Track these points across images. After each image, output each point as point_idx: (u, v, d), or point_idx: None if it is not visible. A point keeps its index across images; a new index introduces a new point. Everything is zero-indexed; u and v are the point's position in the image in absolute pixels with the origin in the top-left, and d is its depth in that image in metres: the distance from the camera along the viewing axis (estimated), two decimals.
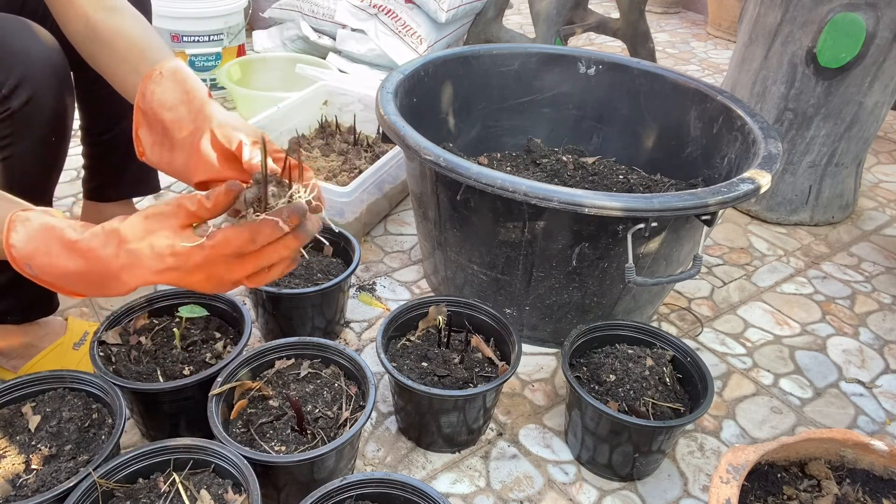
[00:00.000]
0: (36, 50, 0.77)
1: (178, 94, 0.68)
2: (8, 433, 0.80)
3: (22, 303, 0.95)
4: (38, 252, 0.60)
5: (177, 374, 0.90)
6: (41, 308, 0.98)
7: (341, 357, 0.93)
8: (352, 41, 2.06)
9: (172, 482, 0.75)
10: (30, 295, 0.95)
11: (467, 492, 0.93)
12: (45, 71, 0.78)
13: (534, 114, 1.51)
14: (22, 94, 0.76)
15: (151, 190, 1.29)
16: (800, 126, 1.52)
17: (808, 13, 1.42)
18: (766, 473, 0.78)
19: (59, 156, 0.87)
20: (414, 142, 1.02)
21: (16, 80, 0.75)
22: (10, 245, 0.60)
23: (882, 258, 1.52)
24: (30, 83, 0.76)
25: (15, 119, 0.76)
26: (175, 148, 0.69)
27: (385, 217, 1.52)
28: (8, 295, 0.92)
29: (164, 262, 0.59)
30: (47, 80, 0.78)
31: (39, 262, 0.60)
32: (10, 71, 0.74)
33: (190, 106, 0.68)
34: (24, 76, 0.75)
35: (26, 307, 0.96)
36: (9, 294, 0.92)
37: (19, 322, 0.97)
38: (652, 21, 3.15)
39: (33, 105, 0.77)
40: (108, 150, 1.17)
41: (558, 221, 0.99)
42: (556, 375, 1.14)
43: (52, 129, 0.82)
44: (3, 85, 0.74)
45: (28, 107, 0.77)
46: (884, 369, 1.21)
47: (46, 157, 0.84)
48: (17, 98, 0.75)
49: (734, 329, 1.28)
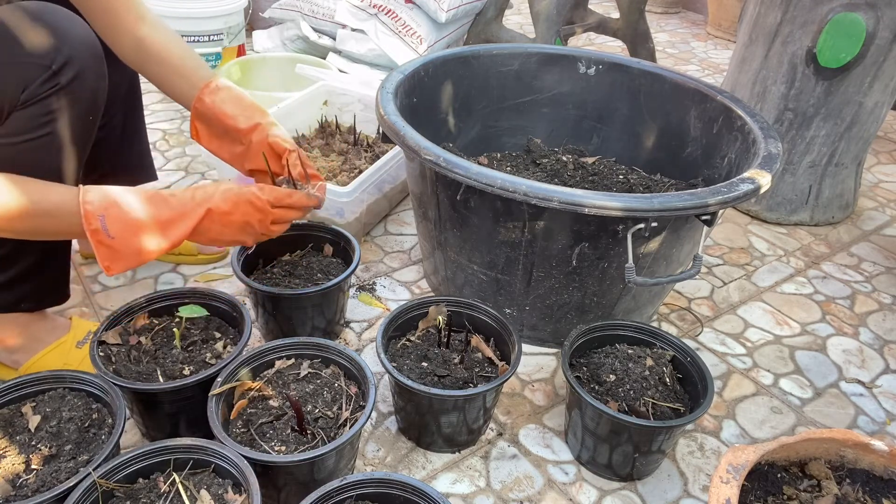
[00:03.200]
0: (80, 32, 0.84)
1: (235, 103, 0.95)
2: (8, 433, 0.80)
3: (38, 290, 0.98)
4: (115, 203, 0.77)
5: (177, 374, 0.90)
6: (55, 296, 1.01)
7: (341, 357, 0.93)
8: (352, 41, 2.06)
9: (172, 482, 0.75)
10: (46, 282, 0.98)
11: (467, 492, 0.93)
12: (89, 51, 0.85)
13: (534, 114, 1.51)
14: (69, 72, 0.82)
15: (149, 177, 1.30)
16: (800, 126, 1.52)
17: (808, 13, 1.42)
18: (766, 473, 0.78)
19: (91, 135, 0.92)
20: (414, 142, 1.02)
21: (64, 58, 0.81)
22: (86, 202, 0.76)
23: (882, 258, 1.52)
24: (77, 62, 0.82)
25: (61, 95, 0.82)
26: (233, 142, 0.97)
27: (385, 217, 1.52)
28: (26, 281, 0.95)
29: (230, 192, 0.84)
30: (90, 60, 0.85)
31: (114, 213, 0.77)
32: (60, 50, 0.81)
33: (245, 113, 0.95)
34: (71, 55, 0.82)
35: (41, 295, 0.99)
36: (26, 280, 0.95)
37: (32, 310, 0.99)
38: (652, 21, 3.15)
39: (78, 82, 0.83)
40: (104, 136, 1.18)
41: (558, 221, 0.99)
42: (556, 375, 1.14)
43: (90, 107, 0.88)
44: (54, 62, 0.80)
45: (74, 83, 0.83)
46: (884, 369, 1.21)
47: (82, 134, 0.89)
48: (65, 75, 0.81)
49: (734, 329, 1.28)
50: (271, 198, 0.88)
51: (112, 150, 1.20)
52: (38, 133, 0.82)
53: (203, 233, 0.84)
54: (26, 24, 0.79)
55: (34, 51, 0.79)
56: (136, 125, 1.25)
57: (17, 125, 0.80)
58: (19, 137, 0.81)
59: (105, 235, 0.77)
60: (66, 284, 1.02)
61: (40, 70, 0.79)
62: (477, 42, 2.22)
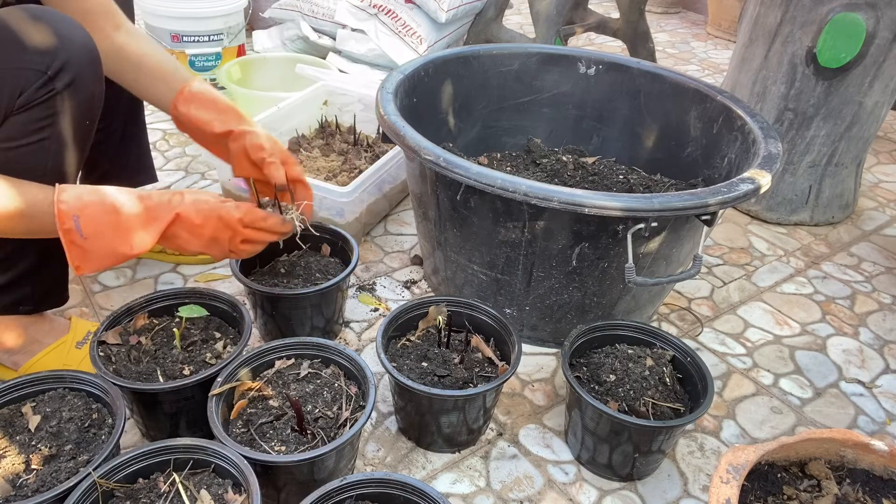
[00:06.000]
0: (77, 37, 0.83)
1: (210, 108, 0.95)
2: (8, 433, 0.80)
3: (37, 292, 0.98)
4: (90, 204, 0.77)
5: (177, 374, 0.90)
6: (54, 298, 1.01)
7: (341, 357, 0.93)
8: (352, 41, 2.06)
9: (172, 482, 0.75)
10: (45, 285, 0.98)
11: (467, 492, 0.93)
12: (86, 57, 0.84)
13: (534, 114, 1.51)
14: (65, 77, 0.81)
15: (149, 179, 1.30)
16: (800, 126, 1.52)
17: (808, 13, 1.42)
18: (766, 473, 0.78)
19: (87, 140, 0.92)
20: (414, 142, 1.02)
21: (60, 63, 0.81)
22: (60, 201, 0.76)
23: (882, 258, 1.52)
24: (73, 67, 0.82)
25: (57, 100, 0.82)
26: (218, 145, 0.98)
27: (385, 217, 1.52)
28: (25, 283, 0.95)
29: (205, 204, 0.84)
30: (87, 65, 0.84)
31: (88, 213, 0.77)
32: (56, 54, 0.80)
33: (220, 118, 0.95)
34: (68, 60, 0.81)
35: (40, 297, 0.99)
36: (26, 283, 0.95)
37: (31, 312, 0.99)
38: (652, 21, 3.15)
39: (74, 87, 0.83)
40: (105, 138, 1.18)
41: (558, 221, 0.99)
42: (556, 375, 1.14)
43: (86, 112, 0.88)
44: (50, 67, 0.80)
45: (70, 89, 0.82)
46: (884, 369, 1.21)
47: (78, 140, 0.89)
48: (61, 80, 0.81)
49: (734, 329, 1.28)
50: (245, 218, 0.88)
51: (112, 152, 1.21)
52: (34, 137, 0.82)
53: (171, 238, 0.85)
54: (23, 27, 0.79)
55: (30, 55, 0.79)
56: (136, 127, 1.25)
57: (13, 130, 0.80)
58: (15, 142, 0.81)
59: (78, 235, 0.77)
60: (64, 288, 1.02)
61: (36, 75, 0.79)
62: (477, 42, 2.22)
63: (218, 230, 0.86)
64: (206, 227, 0.85)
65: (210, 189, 1.58)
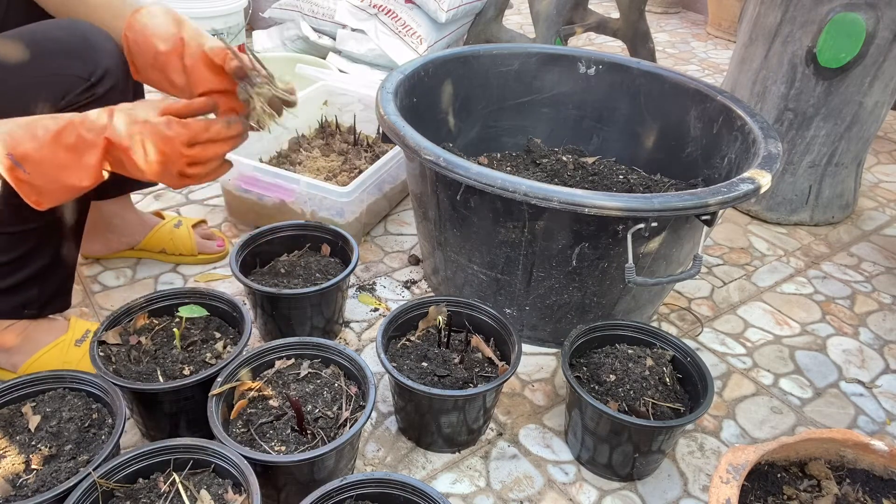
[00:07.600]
0: (112, 47, 0.89)
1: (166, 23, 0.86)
2: (8, 433, 0.80)
3: (42, 296, 0.98)
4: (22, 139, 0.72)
5: (177, 374, 0.90)
6: (58, 303, 1.01)
7: (341, 357, 0.93)
8: (352, 41, 2.06)
9: (172, 482, 0.75)
10: (51, 288, 0.98)
11: (467, 492, 0.93)
12: (121, 65, 0.90)
13: (534, 114, 1.51)
14: (107, 83, 0.88)
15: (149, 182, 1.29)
16: (800, 126, 1.52)
17: (808, 13, 1.42)
18: (766, 473, 0.78)
19: None
20: (414, 142, 1.02)
21: (102, 71, 0.88)
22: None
23: (882, 258, 1.52)
24: (113, 74, 0.89)
25: (96, 104, 0.84)
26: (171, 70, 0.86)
27: (385, 217, 1.52)
28: (31, 287, 0.95)
29: (135, 125, 0.76)
30: (122, 72, 0.90)
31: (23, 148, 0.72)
32: (98, 63, 0.87)
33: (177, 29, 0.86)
34: (108, 68, 0.88)
35: (45, 301, 0.99)
36: (32, 286, 0.95)
37: (35, 317, 0.99)
38: (652, 21, 3.15)
39: (113, 93, 0.89)
40: None
41: (558, 221, 0.99)
42: (556, 375, 1.14)
43: None
44: (93, 74, 0.87)
45: (109, 94, 0.89)
46: (884, 369, 1.21)
47: None
48: (103, 86, 0.88)
49: (734, 329, 1.28)
50: (182, 136, 0.77)
51: None
52: None
53: (116, 165, 0.79)
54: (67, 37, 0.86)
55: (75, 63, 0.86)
56: None
57: None
58: None
59: (21, 171, 0.73)
60: (68, 291, 1.02)
61: (80, 81, 0.86)
62: (477, 42, 2.22)
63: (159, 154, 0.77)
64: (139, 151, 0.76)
65: (209, 189, 1.58)
